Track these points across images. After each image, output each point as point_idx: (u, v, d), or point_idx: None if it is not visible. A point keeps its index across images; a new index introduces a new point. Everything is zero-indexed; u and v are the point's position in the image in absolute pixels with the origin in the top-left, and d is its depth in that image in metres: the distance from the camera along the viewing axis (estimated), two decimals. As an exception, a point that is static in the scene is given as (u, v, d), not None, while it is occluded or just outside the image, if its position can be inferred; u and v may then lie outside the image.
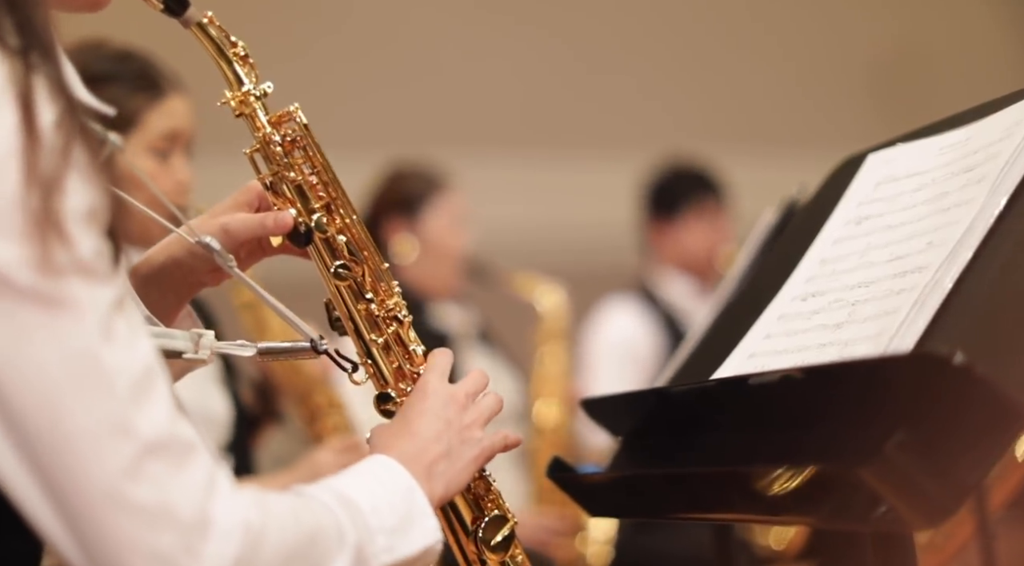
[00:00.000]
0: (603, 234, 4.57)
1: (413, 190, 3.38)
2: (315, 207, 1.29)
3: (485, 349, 3.49)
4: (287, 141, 1.29)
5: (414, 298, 3.37)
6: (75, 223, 0.91)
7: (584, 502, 1.53)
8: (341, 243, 1.29)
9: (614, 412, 1.59)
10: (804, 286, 1.46)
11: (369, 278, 1.30)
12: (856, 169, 1.55)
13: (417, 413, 1.23)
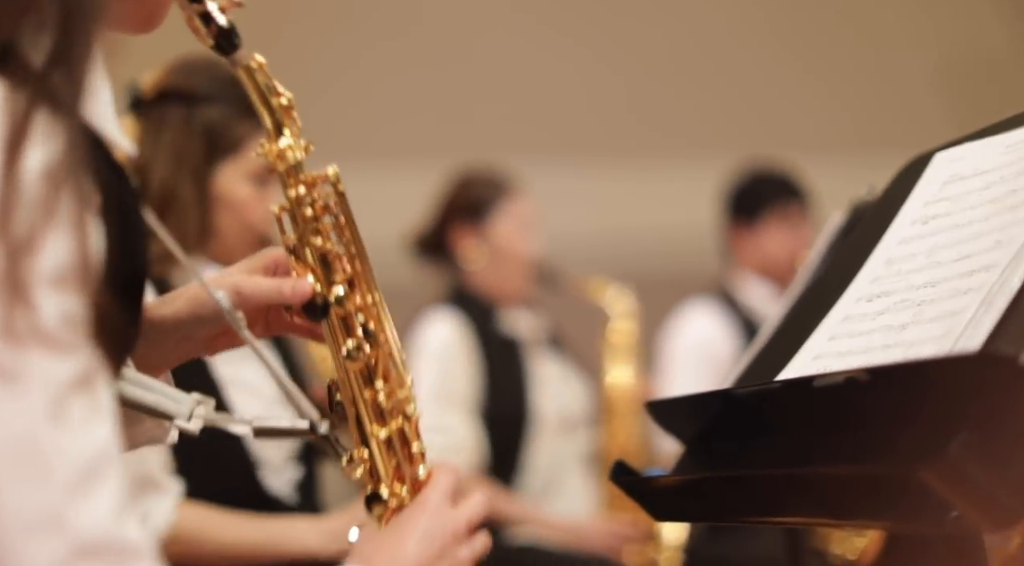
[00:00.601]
0: (681, 239, 4.55)
1: (481, 195, 3.39)
2: (336, 280, 1.20)
3: (554, 355, 3.49)
4: (318, 205, 1.20)
5: (485, 304, 3.38)
6: (42, 285, 0.81)
7: (648, 506, 1.52)
8: (358, 323, 1.20)
9: (679, 415, 1.58)
10: (869, 287, 1.44)
11: (382, 365, 1.20)
12: (923, 169, 1.53)
13: (411, 530, 1.15)
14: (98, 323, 0.85)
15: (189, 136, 2.17)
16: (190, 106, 2.16)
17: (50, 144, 0.83)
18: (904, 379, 1.19)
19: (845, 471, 1.16)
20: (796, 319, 1.56)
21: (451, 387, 3.26)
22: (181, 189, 2.14)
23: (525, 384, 3.35)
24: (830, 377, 1.31)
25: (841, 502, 1.21)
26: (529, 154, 4.23)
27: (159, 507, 2.03)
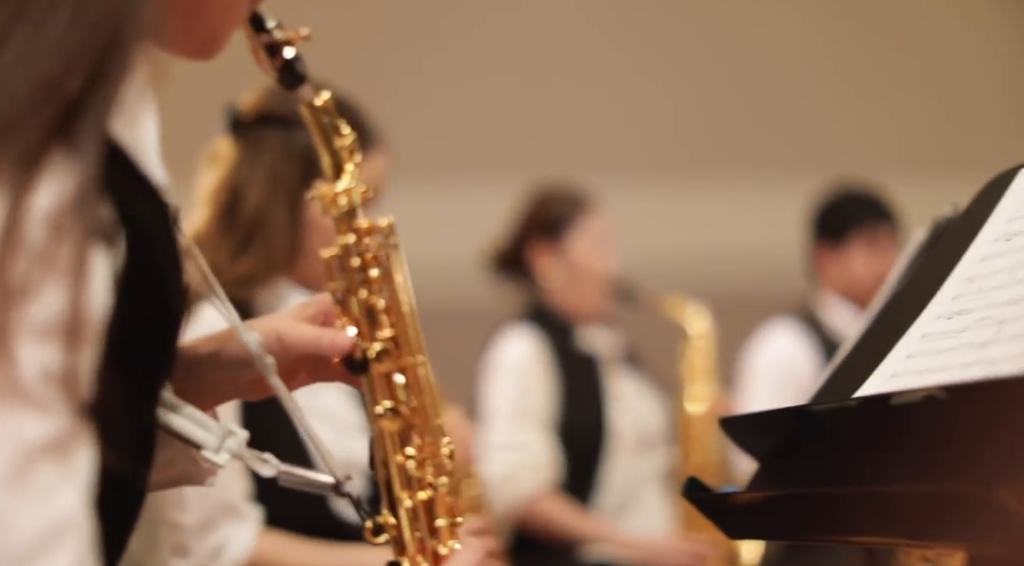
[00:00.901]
0: (763, 259, 4.51)
1: (559, 213, 3.40)
2: (379, 337, 1.15)
3: (631, 372, 3.48)
4: (368, 256, 1.16)
5: (563, 321, 3.37)
6: (26, 337, 0.76)
7: (721, 523, 1.51)
8: (399, 383, 1.15)
9: (753, 431, 1.57)
10: (950, 304, 1.42)
11: (418, 430, 1.15)
12: (1007, 185, 1.50)
13: None
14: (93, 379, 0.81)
15: (286, 159, 2.15)
16: (289, 130, 2.16)
17: (60, 184, 0.78)
18: (982, 397, 1.17)
19: (920, 490, 1.14)
20: (874, 337, 1.54)
21: (527, 404, 3.26)
22: (274, 212, 2.12)
23: (602, 401, 3.34)
24: (907, 395, 1.29)
25: (916, 522, 1.19)
26: (610, 171, 4.23)
27: (239, 534, 2.04)
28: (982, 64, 5.24)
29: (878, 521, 1.25)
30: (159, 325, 0.96)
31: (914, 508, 1.17)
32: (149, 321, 0.93)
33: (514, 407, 3.25)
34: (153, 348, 0.96)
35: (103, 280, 0.83)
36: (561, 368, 3.33)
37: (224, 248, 2.09)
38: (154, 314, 0.94)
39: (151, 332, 0.94)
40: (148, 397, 1.01)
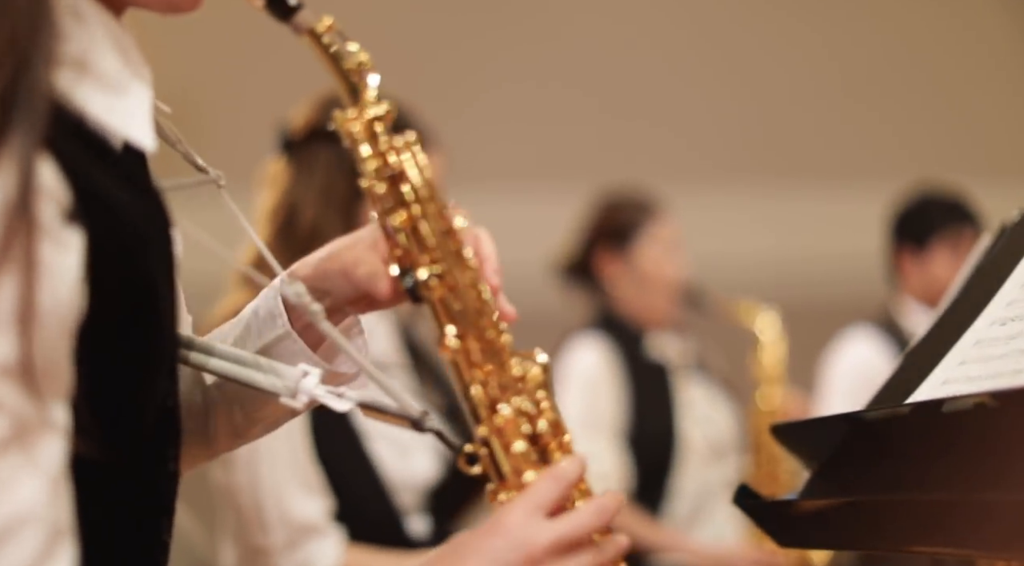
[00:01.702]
0: (840, 265, 4.45)
1: (626, 220, 3.38)
2: (423, 261, 1.11)
3: (702, 379, 3.45)
4: (395, 173, 1.12)
5: (632, 329, 3.36)
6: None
7: (772, 531, 1.49)
8: (455, 309, 1.11)
9: (806, 438, 1.55)
10: (1004, 310, 1.39)
11: (485, 352, 1.10)
12: (1066, 188, 1.47)
13: (471, 551, 1.01)
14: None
15: (338, 174, 2.17)
16: (339, 144, 2.18)
17: (2, 179, 0.79)
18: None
19: (965, 499, 1.11)
20: (930, 343, 1.52)
21: (597, 413, 3.25)
22: (330, 226, 2.14)
23: (672, 409, 3.32)
24: (955, 402, 1.27)
25: (968, 530, 1.17)
26: (677, 178, 4.20)
27: (323, 550, 2.08)
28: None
29: (927, 530, 1.23)
30: (142, 300, 0.94)
31: (962, 517, 1.15)
32: (130, 297, 0.92)
33: (584, 417, 3.24)
34: (142, 325, 0.94)
35: (69, 265, 0.83)
36: (630, 377, 3.32)
37: (282, 262, 2.11)
38: (135, 290, 0.93)
39: (136, 309, 0.93)
40: (155, 377, 0.98)
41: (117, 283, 0.89)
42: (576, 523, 1.04)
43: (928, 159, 4.68)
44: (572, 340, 3.37)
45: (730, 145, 4.82)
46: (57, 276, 0.82)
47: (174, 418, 1.08)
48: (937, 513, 1.21)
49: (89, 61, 0.92)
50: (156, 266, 0.97)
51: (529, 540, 1.00)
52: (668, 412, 3.31)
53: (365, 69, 1.11)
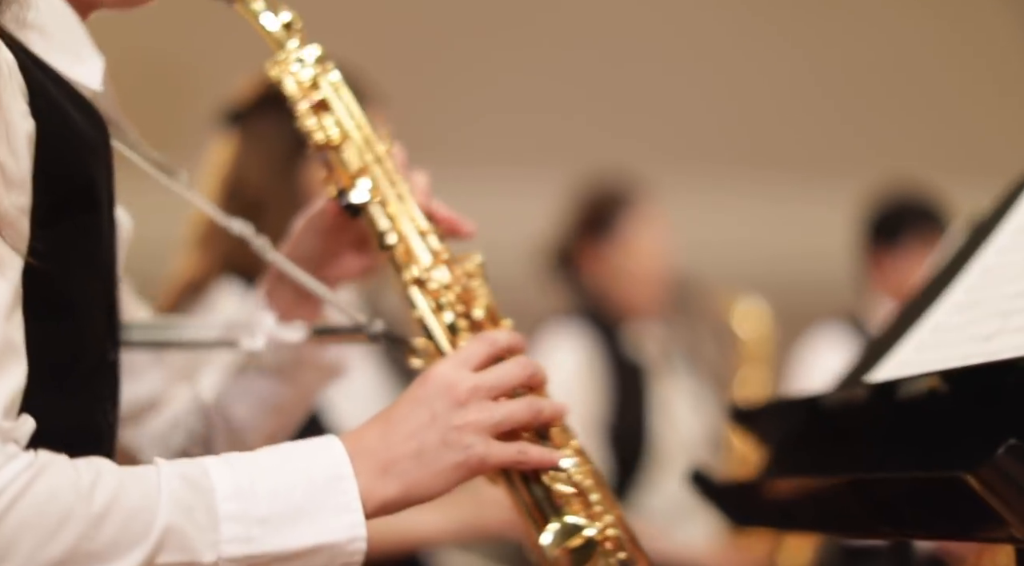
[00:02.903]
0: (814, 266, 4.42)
1: (609, 209, 3.35)
2: (353, 172, 1.23)
3: (685, 369, 3.43)
4: (314, 104, 1.23)
5: (612, 320, 3.33)
6: None
7: (726, 512, 1.50)
8: (379, 211, 1.22)
9: (765, 422, 1.55)
10: (963, 296, 1.38)
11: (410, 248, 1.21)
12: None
13: (405, 400, 1.09)
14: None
15: (281, 141, 2.20)
16: (280, 110, 2.21)
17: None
18: (973, 387, 1.14)
19: (896, 477, 1.11)
20: (892, 330, 1.51)
21: (573, 409, 3.22)
22: (274, 188, 2.17)
23: (647, 407, 3.29)
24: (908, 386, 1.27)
25: (899, 511, 1.17)
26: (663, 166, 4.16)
27: None
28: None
29: (864, 510, 1.23)
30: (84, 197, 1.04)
31: (895, 497, 1.14)
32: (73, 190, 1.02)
33: None
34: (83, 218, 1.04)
35: (28, 130, 0.96)
36: (608, 372, 3.27)
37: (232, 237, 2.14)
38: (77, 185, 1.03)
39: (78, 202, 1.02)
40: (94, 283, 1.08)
41: (60, 172, 0.99)
42: (499, 372, 1.11)
43: (902, 156, 4.61)
44: (550, 329, 3.36)
45: (711, 139, 4.77)
46: (16, 135, 0.94)
47: (114, 375, 1.13)
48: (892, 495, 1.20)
49: (52, 32, 1.05)
50: (97, 176, 1.06)
51: (453, 384, 1.08)
52: (644, 408, 3.26)
53: (294, 28, 1.23)
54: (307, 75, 1.23)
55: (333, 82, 1.24)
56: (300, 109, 1.23)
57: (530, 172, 4.30)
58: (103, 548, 0.94)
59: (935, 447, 1.19)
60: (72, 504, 0.94)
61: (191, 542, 0.97)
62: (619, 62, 4.74)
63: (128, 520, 0.95)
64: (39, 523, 0.92)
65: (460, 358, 1.12)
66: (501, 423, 1.10)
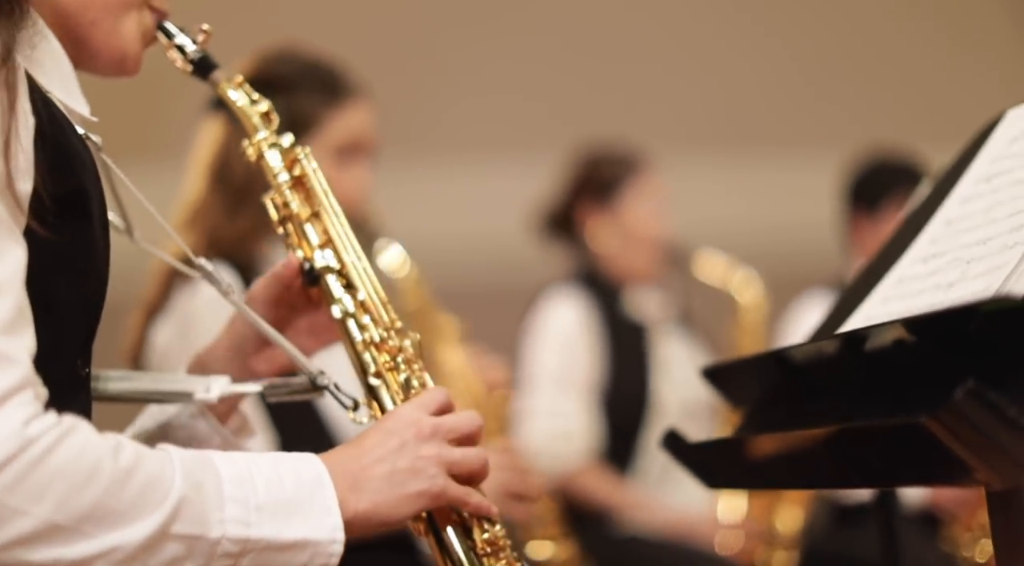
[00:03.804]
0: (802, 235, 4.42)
1: (610, 175, 3.34)
2: (316, 245, 1.31)
3: (682, 334, 3.43)
4: (291, 181, 1.34)
5: (611, 285, 3.33)
6: None
7: (698, 473, 1.49)
8: (336, 280, 1.30)
9: (736, 380, 1.55)
10: (927, 248, 1.39)
11: (369, 314, 1.29)
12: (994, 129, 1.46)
13: (374, 431, 1.18)
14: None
15: None
16: (270, 94, 2.21)
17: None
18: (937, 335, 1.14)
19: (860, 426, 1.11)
20: (859, 285, 1.51)
21: (571, 370, 3.22)
22: (259, 175, 2.17)
23: (647, 369, 3.28)
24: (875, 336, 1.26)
25: (868, 461, 1.17)
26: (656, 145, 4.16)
27: None
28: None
29: (834, 462, 1.23)
30: (78, 202, 1.09)
31: (861, 446, 1.14)
32: (68, 195, 1.08)
33: (557, 373, 3.20)
34: (78, 220, 1.10)
35: (32, 121, 1.04)
36: (607, 334, 3.26)
37: (220, 211, 2.15)
38: (72, 192, 1.09)
39: (73, 206, 1.08)
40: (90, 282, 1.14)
41: (54, 172, 1.05)
42: (456, 419, 1.20)
43: (882, 126, 4.62)
44: (550, 293, 3.36)
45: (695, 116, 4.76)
46: (26, 126, 1.02)
47: (85, 391, 1.18)
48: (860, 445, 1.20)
49: (49, 70, 1.15)
50: (90, 189, 1.12)
51: (418, 420, 1.18)
52: (643, 371, 3.27)
53: (271, 117, 1.37)
54: (288, 155, 1.35)
55: (312, 164, 1.35)
56: (279, 180, 1.34)
57: (531, 155, 4.28)
58: (125, 508, 0.99)
59: (903, 397, 1.19)
60: (101, 460, 0.99)
61: (203, 516, 1.03)
62: (603, 47, 4.73)
63: (149, 484, 1.00)
64: (71, 474, 0.97)
65: (420, 402, 1.21)
66: (458, 462, 1.18)
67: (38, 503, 0.96)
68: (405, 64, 4.26)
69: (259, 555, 1.05)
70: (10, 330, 0.98)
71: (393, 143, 2.61)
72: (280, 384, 1.29)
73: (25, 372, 0.98)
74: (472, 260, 4.18)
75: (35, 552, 0.97)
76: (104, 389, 1.27)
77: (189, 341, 2.06)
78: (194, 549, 1.02)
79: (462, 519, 1.20)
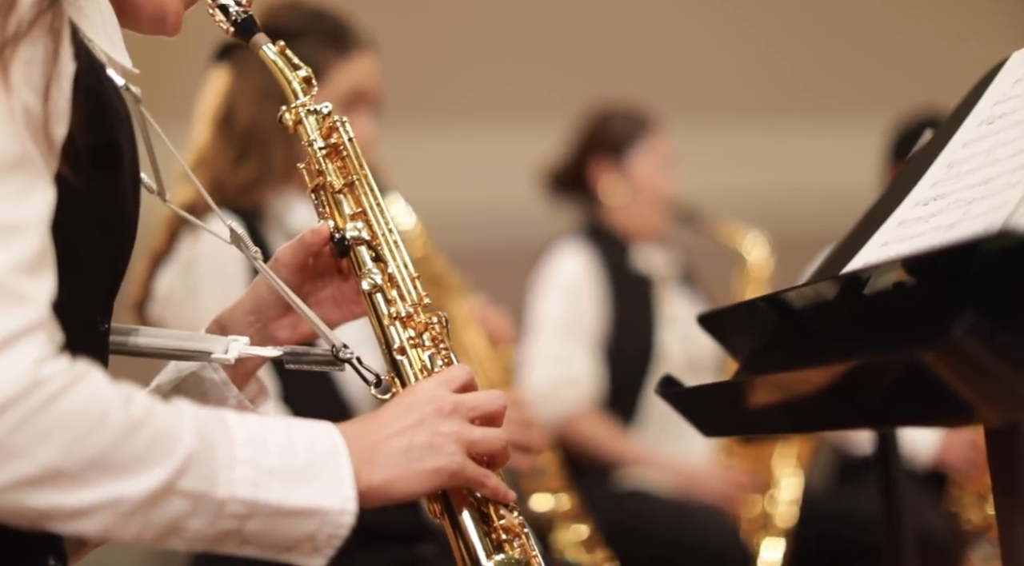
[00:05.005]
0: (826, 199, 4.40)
1: (621, 131, 3.35)
2: (350, 215, 1.28)
3: (687, 292, 3.43)
4: (327, 149, 1.30)
5: (619, 240, 3.33)
6: (19, 75, 0.98)
7: (695, 420, 1.48)
8: (367, 252, 1.27)
9: (732, 327, 1.53)
10: (928, 191, 1.37)
11: (396, 289, 1.26)
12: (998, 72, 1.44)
13: (392, 405, 1.16)
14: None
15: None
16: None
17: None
18: (937, 276, 1.12)
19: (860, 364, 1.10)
20: (860, 230, 1.50)
21: (576, 320, 3.22)
22: (265, 123, 2.18)
23: (652, 322, 3.28)
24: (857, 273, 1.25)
25: (865, 401, 1.16)
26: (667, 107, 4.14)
27: None
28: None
29: (832, 403, 1.21)
30: (110, 155, 1.09)
31: (860, 385, 1.13)
32: (101, 148, 1.08)
33: (562, 321, 3.20)
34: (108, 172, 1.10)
35: (71, 71, 1.03)
36: (613, 286, 3.27)
37: (224, 159, 2.17)
38: (105, 145, 1.08)
39: (97, 151, 1.07)
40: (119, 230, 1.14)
41: (88, 120, 1.05)
42: (479, 397, 1.18)
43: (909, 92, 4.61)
44: (557, 246, 3.35)
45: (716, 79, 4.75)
46: (65, 72, 1.02)
47: (103, 346, 1.17)
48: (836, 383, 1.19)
49: (96, 24, 1.14)
50: (123, 142, 1.12)
51: (438, 397, 1.15)
52: (648, 324, 3.27)
53: (312, 84, 1.34)
54: (326, 122, 1.32)
55: (349, 133, 1.31)
56: (315, 148, 1.30)
57: (540, 121, 4.26)
58: (131, 459, 0.97)
59: (903, 337, 1.18)
60: (110, 408, 0.97)
61: (212, 474, 1.01)
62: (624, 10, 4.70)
63: (157, 438, 0.99)
64: (79, 419, 0.95)
65: (443, 378, 1.18)
66: (478, 442, 1.16)
67: (41, 446, 0.94)
68: (415, 27, 4.24)
69: (266, 519, 1.03)
70: (31, 270, 0.97)
71: (404, 106, 2.59)
72: (301, 352, 1.27)
73: (41, 313, 0.96)
74: (480, 223, 4.17)
75: (34, 496, 0.95)
76: (123, 343, 1.25)
77: (190, 287, 2.07)
78: (199, 507, 1.00)
79: (479, 503, 1.18)
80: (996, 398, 0.97)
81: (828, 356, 1.28)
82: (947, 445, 3.19)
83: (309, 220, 2.24)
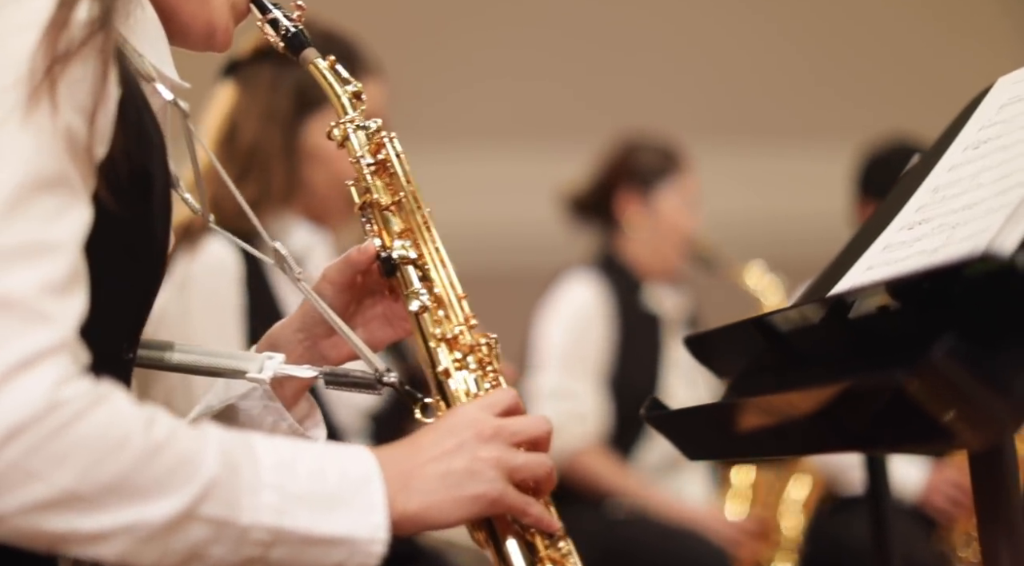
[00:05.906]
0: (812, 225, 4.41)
1: (651, 164, 3.33)
2: (397, 232, 1.26)
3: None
4: (375, 165, 1.27)
5: (632, 276, 3.31)
6: (66, 95, 0.97)
7: (680, 443, 1.48)
8: (414, 271, 1.25)
9: (719, 351, 1.53)
10: (913, 215, 1.37)
11: (443, 309, 1.23)
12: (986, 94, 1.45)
13: (431, 428, 1.12)
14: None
15: (278, 93, 2.22)
16: (281, 65, 2.20)
17: (94, 5, 1.01)
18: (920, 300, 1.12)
19: (842, 387, 1.10)
20: (845, 256, 1.50)
21: (582, 352, 3.20)
22: (268, 144, 2.19)
23: (658, 362, 3.27)
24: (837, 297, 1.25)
25: (847, 424, 1.15)
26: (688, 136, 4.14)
27: None
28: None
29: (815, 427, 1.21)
30: (143, 184, 1.08)
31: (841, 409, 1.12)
32: (134, 176, 1.07)
33: (569, 353, 3.19)
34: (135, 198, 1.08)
35: (114, 96, 1.03)
36: (622, 321, 3.25)
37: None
38: (139, 172, 1.08)
39: (130, 180, 1.06)
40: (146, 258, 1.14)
41: (124, 146, 1.04)
42: (522, 422, 1.14)
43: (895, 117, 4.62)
44: (568, 275, 3.33)
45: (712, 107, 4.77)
46: (111, 95, 1.02)
47: (126, 375, 1.15)
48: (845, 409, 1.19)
49: (143, 34, 1.14)
50: (155, 172, 1.12)
51: (479, 420, 1.12)
52: (655, 364, 3.25)
53: (361, 97, 1.31)
54: (373, 138, 1.28)
55: (396, 149, 1.29)
56: (362, 164, 1.27)
57: (562, 144, 4.27)
58: (151, 483, 0.94)
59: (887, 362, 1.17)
60: (131, 432, 0.94)
61: (235, 499, 0.97)
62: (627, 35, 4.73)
63: (179, 462, 0.96)
64: (98, 442, 0.93)
65: (486, 402, 1.15)
66: (520, 468, 1.12)
67: (59, 469, 0.91)
68: (437, 47, 4.26)
69: (292, 548, 1.00)
70: (59, 291, 0.94)
71: (422, 128, 2.60)
72: (340, 373, 1.24)
73: (65, 334, 0.94)
74: (498, 246, 4.18)
75: (51, 520, 0.92)
76: (157, 358, 1.23)
77: (183, 308, 2.06)
78: (222, 533, 0.97)
79: (524, 531, 1.14)
80: (977, 421, 0.96)
81: (813, 379, 1.28)
82: (931, 486, 3.18)
83: (306, 244, 2.25)
